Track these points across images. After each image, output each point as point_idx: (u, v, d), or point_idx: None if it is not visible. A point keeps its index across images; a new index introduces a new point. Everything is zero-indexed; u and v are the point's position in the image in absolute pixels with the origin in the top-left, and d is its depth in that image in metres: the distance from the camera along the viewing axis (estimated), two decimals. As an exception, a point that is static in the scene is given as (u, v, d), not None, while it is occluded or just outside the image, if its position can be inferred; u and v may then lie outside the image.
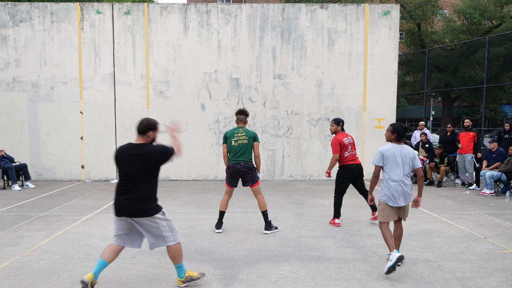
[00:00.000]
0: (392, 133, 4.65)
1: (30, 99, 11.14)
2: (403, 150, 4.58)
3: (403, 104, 29.86)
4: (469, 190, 9.99)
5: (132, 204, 3.71)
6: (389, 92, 11.44)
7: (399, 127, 4.63)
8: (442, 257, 4.99)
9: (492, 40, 19.44)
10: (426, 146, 11.58)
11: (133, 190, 3.73)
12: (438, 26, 28.90)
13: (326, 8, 11.31)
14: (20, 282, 4.16)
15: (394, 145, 4.62)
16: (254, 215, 7.13)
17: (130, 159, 3.77)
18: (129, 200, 3.71)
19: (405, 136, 4.69)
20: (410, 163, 4.58)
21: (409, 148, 4.66)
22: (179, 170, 11.39)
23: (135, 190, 3.73)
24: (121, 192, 3.77)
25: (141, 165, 3.75)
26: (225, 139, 6.08)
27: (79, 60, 11.13)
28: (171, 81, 11.25)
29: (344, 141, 6.37)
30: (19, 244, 5.44)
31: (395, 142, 4.65)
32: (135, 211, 3.72)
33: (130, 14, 11.10)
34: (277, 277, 4.35)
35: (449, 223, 6.69)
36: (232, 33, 11.25)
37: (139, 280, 4.24)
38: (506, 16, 22.92)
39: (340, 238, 5.78)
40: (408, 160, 4.56)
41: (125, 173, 3.77)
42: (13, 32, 11.02)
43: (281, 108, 11.42)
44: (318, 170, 11.54)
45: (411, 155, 4.58)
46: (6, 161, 9.95)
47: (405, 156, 4.56)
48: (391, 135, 4.66)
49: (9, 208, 7.68)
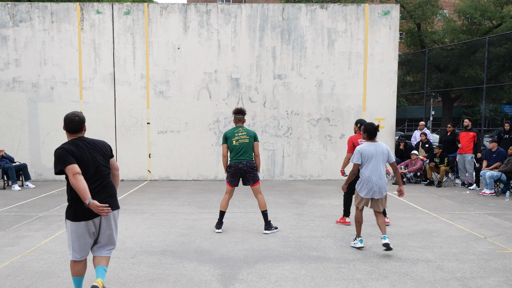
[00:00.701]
0: (363, 132, 5.17)
1: (30, 99, 11.14)
2: (377, 148, 5.06)
3: (403, 104, 29.86)
4: (469, 190, 9.98)
5: None
6: (389, 92, 11.44)
7: (369, 127, 5.11)
8: (442, 257, 4.99)
9: (492, 40, 19.43)
10: (426, 146, 11.58)
11: None
12: (438, 26, 28.88)
13: (326, 8, 11.31)
14: (20, 282, 4.16)
15: (370, 143, 5.10)
16: (254, 215, 7.13)
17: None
18: None
19: (375, 136, 5.15)
20: (385, 159, 5.09)
21: (383, 145, 5.15)
22: (179, 170, 11.39)
23: None
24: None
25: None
26: (225, 139, 6.05)
27: (79, 60, 11.13)
28: (171, 81, 11.25)
29: (358, 142, 6.38)
30: (19, 244, 5.43)
31: (369, 140, 5.14)
32: None
33: (130, 14, 11.10)
34: (277, 277, 4.34)
35: (449, 223, 6.69)
36: (232, 33, 11.25)
37: (139, 280, 4.24)
38: (506, 16, 22.91)
39: (340, 238, 5.78)
40: (383, 157, 5.07)
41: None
42: (13, 32, 11.02)
43: (281, 108, 11.42)
44: (318, 170, 11.54)
45: (386, 152, 5.08)
46: (6, 161, 9.95)
47: (381, 153, 5.05)
48: (362, 134, 5.20)
49: (9, 208, 7.68)
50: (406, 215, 7.24)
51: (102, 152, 3.58)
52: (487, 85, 14.00)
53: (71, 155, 3.35)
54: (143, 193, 9.27)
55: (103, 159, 3.55)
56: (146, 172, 11.37)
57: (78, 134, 3.51)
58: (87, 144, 3.49)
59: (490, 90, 22.09)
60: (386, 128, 11.49)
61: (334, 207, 7.89)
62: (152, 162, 11.35)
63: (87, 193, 3.28)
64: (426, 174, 10.89)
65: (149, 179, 11.37)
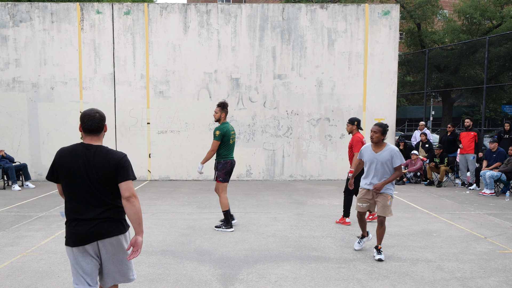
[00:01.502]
0: (382, 134, 4.93)
1: (30, 99, 11.14)
2: (379, 156, 4.96)
3: (403, 104, 29.87)
4: (469, 190, 9.98)
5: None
6: (389, 92, 11.44)
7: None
8: (442, 257, 4.99)
9: (492, 40, 19.43)
10: (426, 146, 11.58)
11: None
12: (438, 26, 28.88)
13: (326, 8, 11.31)
14: (20, 282, 4.16)
15: (373, 149, 5.02)
16: (254, 215, 7.13)
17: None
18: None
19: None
20: (389, 165, 4.97)
21: (389, 149, 4.95)
22: (179, 170, 11.39)
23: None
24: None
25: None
26: (222, 136, 6.01)
27: (79, 60, 11.13)
28: (171, 81, 11.25)
29: (364, 141, 6.28)
30: (19, 244, 5.43)
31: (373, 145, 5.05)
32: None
33: (130, 14, 11.10)
34: (277, 277, 4.34)
35: (449, 223, 6.69)
36: (232, 33, 11.25)
37: (139, 280, 4.24)
38: (506, 16, 22.90)
39: (340, 238, 5.78)
40: (385, 164, 4.98)
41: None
42: (13, 32, 11.02)
43: (281, 108, 11.42)
44: (318, 170, 11.54)
45: (388, 159, 4.93)
46: (6, 161, 9.95)
47: (381, 162, 4.96)
48: (381, 136, 4.95)
49: (9, 208, 7.68)
50: (406, 215, 7.24)
51: (102, 172, 2.70)
52: (487, 85, 13.99)
53: (58, 168, 2.77)
54: (143, 193, 9.28)
55: (99, 180, 2.70)
56: (146, 172, 11.37)
57: (95, 136, 2.80)
58: (88, 155, 2.73)
59: (490, 90, 22.09)
60: (386, 128, 11.48)
61: (334, 207, 7.89)
62: (152, 162, 11.35)
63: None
64: (426, 174, 10.89)
65: (149, 179, 11.37)
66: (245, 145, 11.37)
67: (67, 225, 2.76)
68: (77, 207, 2.72)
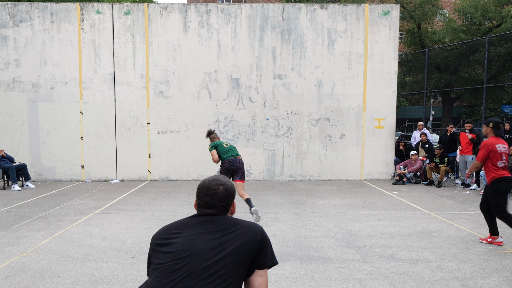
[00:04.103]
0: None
1: (30, 99, 11.14)
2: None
3: (403, 104, 29.88)
4: (469, 190, 9.99)
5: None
6: (389, 92, 11.44)
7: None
8: (442, 257, 4.99)
9: (492, 40, 19.44)
10: (426, 146, 11.58)
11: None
12: (438, 26, 28.89)
13: (326, 8, 11.31)
14: (20, 282, 4.16)
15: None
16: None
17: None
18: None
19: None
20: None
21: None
22: (179, 170, 11.39)
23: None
24: None
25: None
26: (214, 147, 6.70)
27: (79, 60, 11.13)
28: (171, 81, 11.26)
29: (496, 147, 5.37)
30: (19, 244, 5.43)
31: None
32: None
33: (130, 14, 11.10)
34: (277, 277, 4.34)
35: (449, 223, 6.68)
36: (232, 33, 11.25)
37: (139, 280, 4.24)
38: (506, 16, 22.92)
39: (340, 238, 5.78)
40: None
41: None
42: (13, 32, 11.02)
43: (281, 108, 11.42)
44: (318, 170, 11.54)
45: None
46: (6, 161, 9.95)
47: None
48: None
49: (9, 208, 7.68)
50: (406, 215, 7.24)
51: (238, 252, 1.85)
52: (487, 85, 14.00)
53: (160, 248, 1.91)
54: (143, 193, 9.27)
55: (229, 259, 1.83)
56: (146, 172, 11.37)
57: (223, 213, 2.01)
58: (210, 230, 1.91)
59: (490, 90, 22.09)
60: (386, 128, 11.49)
61: (334, 207, 7.89)
62: (152, 162, 11.35)
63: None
64: (426, 174, 10.89)
65: (149, 179, 11.37)
66: (245, 145, 11.37)
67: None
68: None
